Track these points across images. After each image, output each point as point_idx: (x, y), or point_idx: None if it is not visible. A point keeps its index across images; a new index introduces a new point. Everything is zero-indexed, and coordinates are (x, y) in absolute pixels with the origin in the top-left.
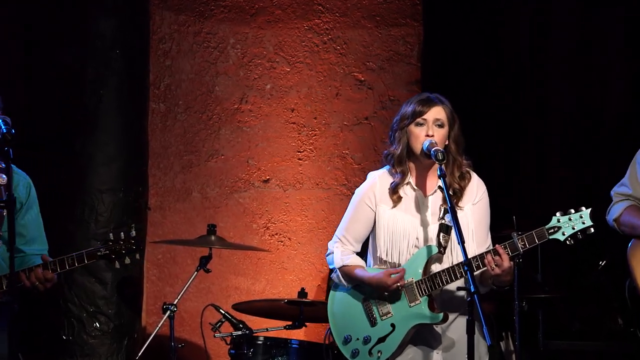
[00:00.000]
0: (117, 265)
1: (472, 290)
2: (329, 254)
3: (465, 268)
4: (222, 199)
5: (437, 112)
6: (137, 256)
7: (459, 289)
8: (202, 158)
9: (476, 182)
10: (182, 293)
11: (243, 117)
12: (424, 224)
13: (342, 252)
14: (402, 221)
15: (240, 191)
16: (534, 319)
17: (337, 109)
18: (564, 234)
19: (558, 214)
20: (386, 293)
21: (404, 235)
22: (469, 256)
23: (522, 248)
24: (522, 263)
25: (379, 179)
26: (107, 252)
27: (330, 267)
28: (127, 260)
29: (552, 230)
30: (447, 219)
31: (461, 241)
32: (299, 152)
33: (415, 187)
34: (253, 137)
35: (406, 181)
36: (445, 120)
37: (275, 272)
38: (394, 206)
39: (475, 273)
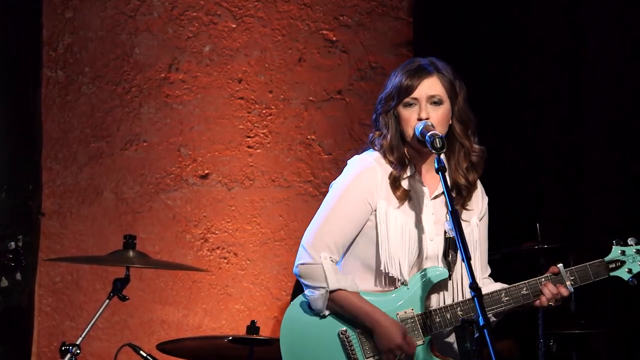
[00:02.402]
0: None
1: (482, 323)
2: (309, 263)
3: (471, 292)
4: (144, 200)
5: (430, 86)
6: (19, 276)
7: (464, 322)
8: (116, 145)
9: (480, 189)
10: (87, 329)
11: (173, 90)
12: (429, 235)
13: (334, 268)
14: (405, 227)
15: (168, 190)
16: None
17: (300, 79)
18: (629, 272)
19: (619, 242)
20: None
21: (407, 247)
22: (484, 284)
23: (572, 285)
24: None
25: (377, 164)
26: None
27: (309, 282)
28: (4, 283)
29: (613, 265)
30: (447, 226)
31: (466, 258)
32: (248, 137)
33: (422, 182)
34: (186, 118)
35: (408, 172)
36: (444, 95)
37: (216, 299)
38: (400, 205)
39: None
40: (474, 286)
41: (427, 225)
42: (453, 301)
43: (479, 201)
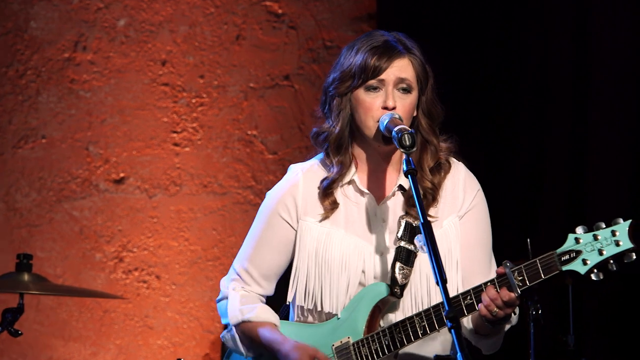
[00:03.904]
0: None
1: (460, 359)
2: (220, 299)
3: (448, 322)
4: (43, 211)
5: (401, 68)
6: None
7: (437, 358)
8: (7, 143)
9: (463, 178)
10: None
11: (79, 73)
12: (377, 248)
13: (242, 298)
14: (341, 243)
15: (74, 198)
16: None
17: (238, 61)
18: (585, 263)
19: (578, 229)
20: None
21: (343, 267)
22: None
23: (519, 287)
24: (541, 315)
25: (304, 177)
26: None
27: (223, 321)
28: None
29: (566, 257)
30: (418, 243)
31: (441, 280)
32: (174, 133)
33: (363, 189)
34: (97, 108)
35: (348, 178)
36: (414, 81)
37: (133, 333)
38: (326, 218)
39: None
40: (451, 316)
41: (375, 237)
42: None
43: (459, 190)
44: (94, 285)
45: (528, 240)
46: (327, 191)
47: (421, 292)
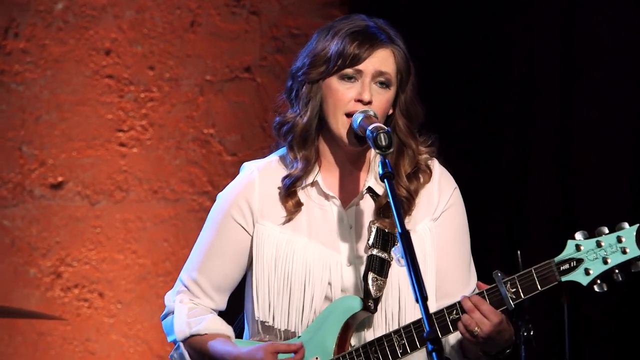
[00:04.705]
0: None
1: None
2: (166, 314)
3: (429, 345)
4: None
5: (382, 60)
6: None
7: None
8: None
9: (437, 177)
10: None
11: (10, 64)
12: (345, 257)
13: (189, 311)
14: (303, 252)
15: (5, 206)
16: None
17: (193, 51)
18: (588, 273)
19: (578, 235)
20: None
21: (307, 279)
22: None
23: (513, 300)
24: (533, 336)
25: (260, 175)
26: None
27: (169, 339)
28: None
29: (566, 267)
30: (395, 255)
31: (421, 298)
32: (120, 131)
33: (327, 191)
34: (31, 104)
35: (310, 179)
36: (394, 76)
37: (73, 359)
38: (288, 221)
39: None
40: (432, 337)
41: (342, 245)
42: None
43: (434, 196)
44: (27, 304)
45: (518, 252)
46: (289, 190)
47: (397, 306)
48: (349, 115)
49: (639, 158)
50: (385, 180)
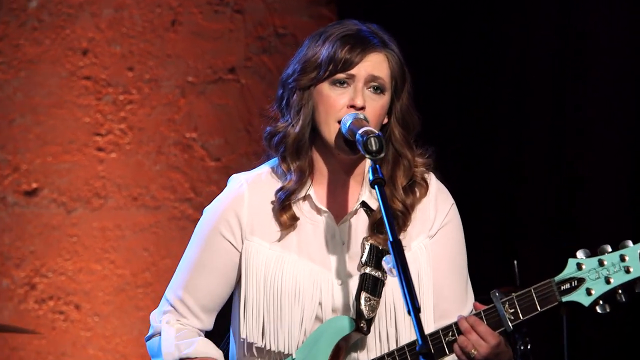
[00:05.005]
0: None
1: None
2: (151, 335)
3: (421, 359)
4: None
5: (376, 64)
6: None
7: None
8: None
9: (434, 192)
10: None
11: None
12: (336, 275)
13: (177, 332)
14: (293, 270)
15: None
16: None
17: (174, 51)
18: (589, 293)
19: (580, 253)
20: None
21: (296, 298)
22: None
23: (511, 321)
24: (530, 350)
25: (249, 188)
26: None
27: None
28: None
29: (567, 286)
30: (386, 265)
31: (413, 309)
32: (98, 135)
33: (320, 205)
34: (3, 106)
35: (303, 192)
36: (388, 82)
37: None
38: (278, 237)
39: None
40: (424, 351)
41: (333, 262)
42: None
43: (430, 212)
44: (1, 317)
45: (515, 262)
46: (284, 204)
47: (391, 327)
48: (340, 122)
49: (637, 157)
50: (375, 187)
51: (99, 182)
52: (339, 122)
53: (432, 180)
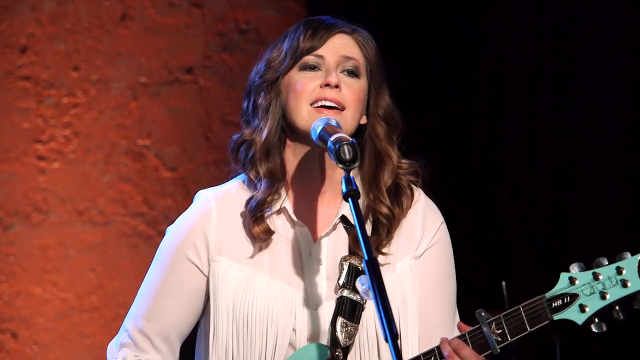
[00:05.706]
0: None
1: None
2: None
3: None
4: None
5: (344, 45)
6: None
7: None
8: None
9: (422, 209)
10: None
11: None
12: (312, 298)
13: None
14: (265, 293)
15: None
16: None
17: (124, 48)
18: (583, 310)
19: (573, 267)
20: None
21: (269, 325)
22: None
23: (498, 343)
24: None
25: (217, 205)
26: None
27: None
28: None
29: (558, 303)
30: (361, 286)
31: (390, 335)
32: (39, 143)
33: (295, 218)
34: None
35: (277, 205)
36: (362, 65)
37: None
38: (248, 256)
39: None
40: None
41: (309, 284)
42: None
43: (416, 231)
44: None
45: (503, 283)
46: (256, 214)
47: (373, 356)
48: (314, 104)
49: (626, 153)
50: (349, 199)
51: (40, 195)
52: (313, 103)
53: (422, 196)
